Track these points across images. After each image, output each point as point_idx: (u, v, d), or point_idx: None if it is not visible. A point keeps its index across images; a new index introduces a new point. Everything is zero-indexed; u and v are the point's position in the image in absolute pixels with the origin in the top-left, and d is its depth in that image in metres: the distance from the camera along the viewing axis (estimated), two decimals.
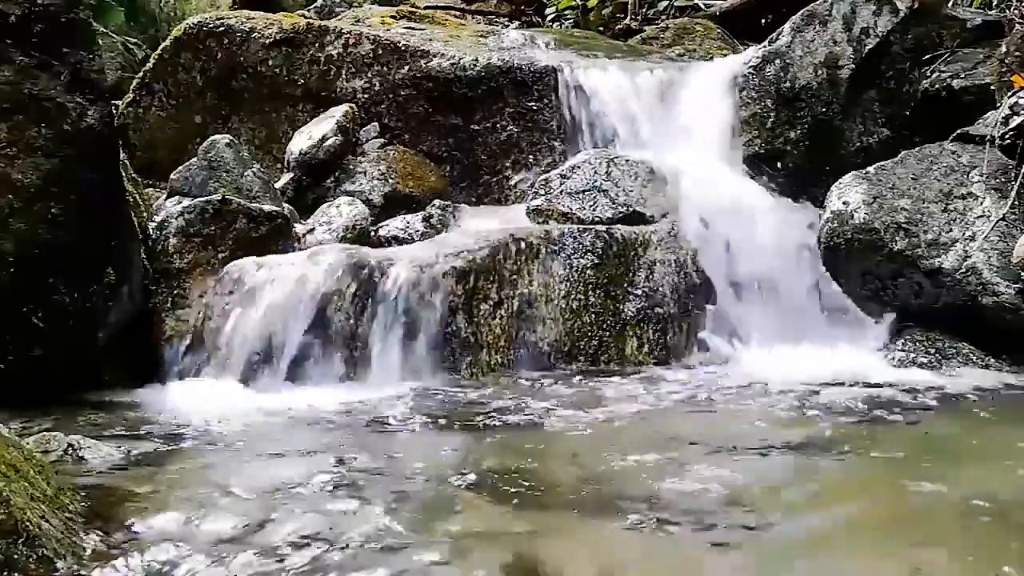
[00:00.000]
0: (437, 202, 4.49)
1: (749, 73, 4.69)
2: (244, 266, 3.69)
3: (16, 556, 1.75)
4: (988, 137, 3.73)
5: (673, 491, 2.26)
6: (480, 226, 4.32)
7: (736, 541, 1.95)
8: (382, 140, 4.89)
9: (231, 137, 4.31)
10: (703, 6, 6.80)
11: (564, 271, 3.77)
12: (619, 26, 6.79)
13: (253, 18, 5.23)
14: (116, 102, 4.86)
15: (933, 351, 3.52)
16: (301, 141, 4.74)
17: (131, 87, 5.36)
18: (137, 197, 3.88)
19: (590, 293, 3.77)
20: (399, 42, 5.02)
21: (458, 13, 6.85)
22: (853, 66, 4.62)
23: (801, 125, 4.62)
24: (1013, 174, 3.62)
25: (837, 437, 2.69)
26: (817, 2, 4.73)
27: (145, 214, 3.89)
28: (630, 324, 3.78)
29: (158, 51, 5.35)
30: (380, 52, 4.99)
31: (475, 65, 4.85)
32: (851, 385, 3.26)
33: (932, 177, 3.74)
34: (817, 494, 2.29)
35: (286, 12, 6.30)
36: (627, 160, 4.27)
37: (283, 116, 5.08)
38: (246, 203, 3.89)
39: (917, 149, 3.90)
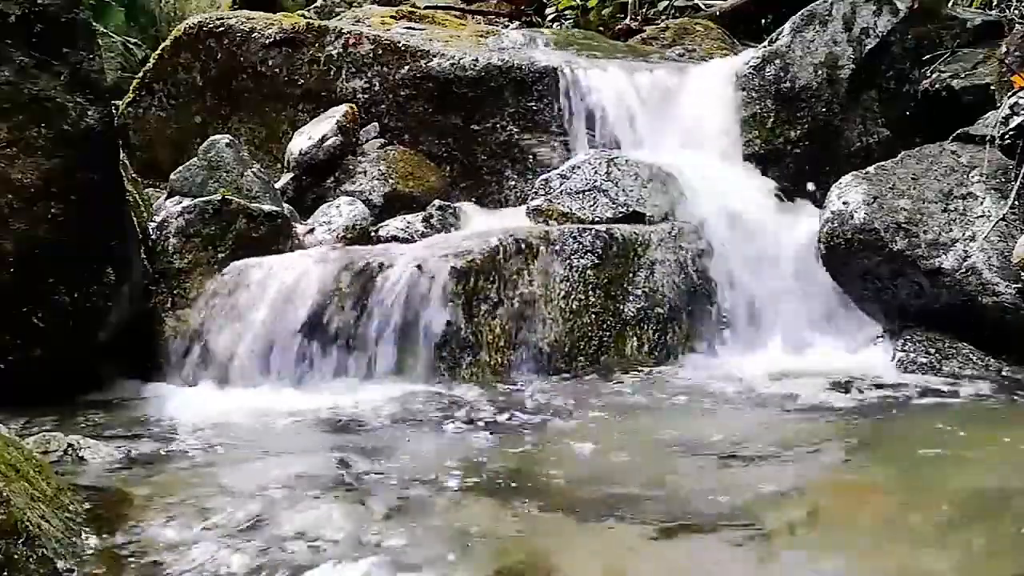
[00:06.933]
0: (437, 202, 4.49)
1: (749, 73, 4.68)
2: (244, 266, 3.69)
3: (16, 556, 1.75)
4: (988, 137, 3.72)
5: (674, 491, 2.27)
6: (480, 226, 4.32)
7: (738, 541, 1.95)
8: (382, 140, 4.88)
9: (231, 137, 4.30)
10: (703, 6, 6.78)
11: (564, 271, 3.77)
12: (619, 26, 6.77)
13: (253, 18, 5.23)
14: (116, 102, 4.86)
15: (933, 351, 3.51)
16: (301, 141, 4.74)
17: (131, 87, 5.35)
18: (137, 197, 3.88)
19: (590, 293, 3.77)
20: (399, 42, 5.02)
21: (458, 13, 6.84)
22: (853, 66, 4.61)
23: (801, 125, 4.62)
24: (1013, 174, 3.62)
25: (838, 437, 2.69)
26: (817, 2, 4.72)
27: (145, 214, 3.89)
28: (630, 324, 3.78)
29: (158, 51, 5.34)
30: (380, 52, 4.98)
31: (475, 65, 4.85)
32: (851, 385, 3.26)
33: (932, 177, 3.74)
34: (819, 494, 2.29)
35: (286, 12, 6.30)
36: (627, 160, 4.27)
37: (283, 116, 5.07)
38: (246, 203, 3.89)
39: (917, 149, 3.90)
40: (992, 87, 4.09)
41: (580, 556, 1.92)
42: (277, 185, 4.49)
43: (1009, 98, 3.76)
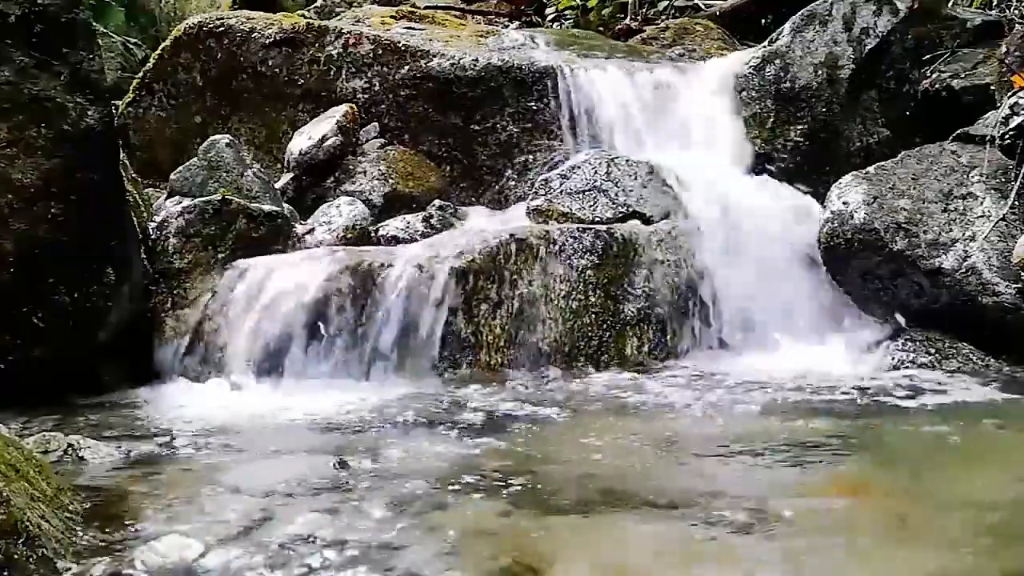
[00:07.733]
0: (437, 202, 4.49)
1: (749, 73, 4.69)
2: (244, 266, 3.69)
3: (16, 556, 1.75)
4: (988, 137, 3.73)
5: (675, 490, 2.27)
6: (480, 226, 4.32)
7: (738, 541, 1.95)
8: (382, 140, 4.88)
9: (231, 137, 4.30)
10: (703, 6, 6.78)
11: (564, 271, 3.77)
12: (619, 26, 6.77)
13: (253, 18, 5.23)
14: (116, 102, 4.86)
15: (933, 351, 3.52)
16: (301, 141, 4.74)
17: (131, 87, 5.35)
18: (137, 197, 3.88)
19: (590, 293, 3.77)
20: (399, 42, 5.02)
21: (458, 13, 6.84)
22: (853, 66, 4.62)
23: (801, 125, 4.62)
24: (1013, 174, 3.62)
25: (837, 437, 2.69)
26: (817, 2, 4.73)
27: (145, 214, 3.89)
28: (630, 324, 3.78)
29: (158, 51, 5.35)
30: (380, 52, 4.98)
31: (475, 65, 4.85)
32: (851, 385, 3.26)
33: (932, 177, 3.74)
34: (818, 494, 2.29)
35: (286, 12, 6.30)
36: (627, 160, 4.27)
37: (283, 116, 5.07)
38: (246, 203, 3.89)
39: (917, 149, 3.90)
40: (992, 87, 4.10)
41: (579, 555, 1.93)
42: (277, 185, 4.49)
43: (1009, 98, 3.77)
